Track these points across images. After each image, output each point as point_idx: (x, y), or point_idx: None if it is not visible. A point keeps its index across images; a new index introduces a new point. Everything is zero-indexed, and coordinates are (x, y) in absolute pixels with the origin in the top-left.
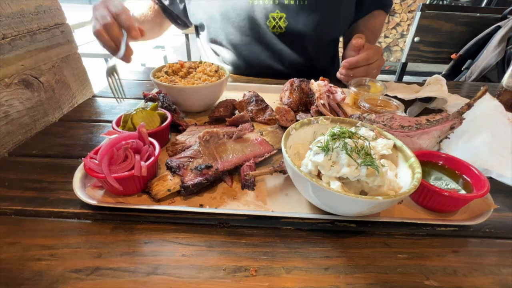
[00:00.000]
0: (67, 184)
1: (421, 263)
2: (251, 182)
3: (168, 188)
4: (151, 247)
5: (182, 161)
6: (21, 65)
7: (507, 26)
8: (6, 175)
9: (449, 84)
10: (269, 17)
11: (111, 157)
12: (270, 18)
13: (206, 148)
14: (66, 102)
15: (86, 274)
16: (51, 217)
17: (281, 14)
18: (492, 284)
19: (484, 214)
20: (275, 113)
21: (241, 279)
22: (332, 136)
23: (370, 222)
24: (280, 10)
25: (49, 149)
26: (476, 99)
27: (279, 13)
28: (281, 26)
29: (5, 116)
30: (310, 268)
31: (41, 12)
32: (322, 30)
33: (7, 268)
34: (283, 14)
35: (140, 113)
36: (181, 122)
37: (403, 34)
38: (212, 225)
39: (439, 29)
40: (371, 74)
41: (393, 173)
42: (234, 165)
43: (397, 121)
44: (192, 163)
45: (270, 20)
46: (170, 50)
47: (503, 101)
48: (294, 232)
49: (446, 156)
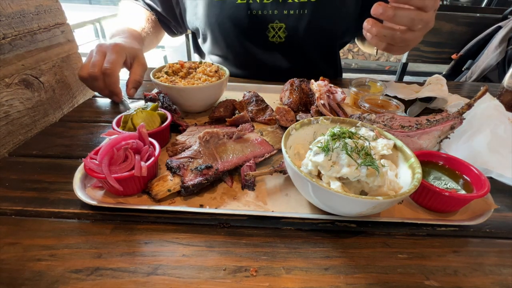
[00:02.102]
0: (67, 185)
1: (421, 263)
2: (251, 182)
3: (168, 188)
4: (151, 247)
5: (182, 162)
6: (21, 65)
7: (507, 26)
8: (6, 175)
9: (449, 84)
10: (269, 27)
11: (111, 158)
12: (269, 28)
13: (206, 148)
14: (66, 102)
15: (86, 275)
16: (51, 218)
17: (280, 24)
18: (492, 284)
19: (484, 214)
20: (275, 113)
21: (241, 279)
22: (332, 136)
23: (370, 222)
24: (280, 20)
25: (49, 149)
26: (476, 99)
27: (278, 23)
28: (280, 36)
29: (6, 116)
30: (310, 268)
31: (42, 12)
32: (321, 37)
33: (7, 269)
34: (282, 24)
35: (140, 114)
36: (181, 122)
37: None
38: (212, 225)
39: (439, 29)
40: (414, 34)
41: (393, 173)
42: (234, 165)
43: (397, 121)
44: (192, 164)
45: (270, 30)
46: (170, 50)
47: (504, 101)
48: (294, 232)
49: (446, 156)
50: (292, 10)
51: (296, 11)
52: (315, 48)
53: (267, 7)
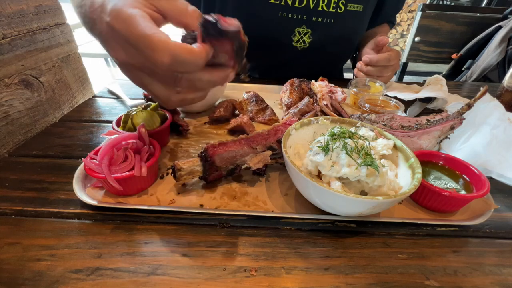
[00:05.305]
0: (67, 185)
1: (421, 263)
2: (262, 170)
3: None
4: (151, 247)
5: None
6: (21, 65)
7: (507, 26)
8: (6, 175)
9: (449, 84)
10: (295, 32)
11: (111, 158)
12: (295, 32)
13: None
14: (66, 102)
15: (86, 275)
16: (51, 218)
17: (307, 30)
18: (492, 284)
19: (484, 214)
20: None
21: (241, 280)
22: (332, 136)
23: (370, 222)
24: (307, 26)
25: (49, 150)
26: (476, 99)
27: (305, 28)
28: (305, 41)
29: (5, 117)
30: (310, 268)
31: (41, 12)
32: (343, 46)
33: (7, 269)
34: (309, 30)
35: (140, 113)
36: (181, 122)
37: (403, 34)
38: (212, 225)
39: (439, 29)
40: (385, 76)
41: (393, 173)
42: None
43: (397, 121)
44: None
45: (295, 34)
46: None
47: (504, 101)
48: (294, 232)
49: (446, 156)
50: (321, 18)
51: (324, 19)
52: (336, 56)
53: (298, 11)
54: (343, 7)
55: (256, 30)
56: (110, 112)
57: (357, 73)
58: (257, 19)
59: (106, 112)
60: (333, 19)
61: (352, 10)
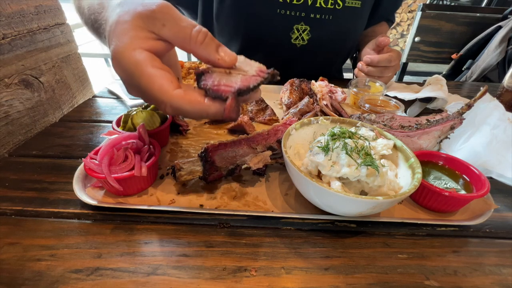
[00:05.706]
0: (67, 185)
1: (421, 263)
2: (262, 170)
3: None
4: (151, 247)
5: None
6: (21, 65)
7: (507, 26)
8: (6, 175)
9: (449, 84)
10: (293, 29)
11: (111, 158)
12: (294, 29)
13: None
14: (66, 102)
15: (86, 275)
16: (51, 218)
17: (305, 27)
18: (492, 284)
19: (484, 214)
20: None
21: (241, 279)
22: (332, 136)
23: (370, 222)
24: (305, 22)
25: (49, 150)
26: (476, 99)
27: (303, 25)
28: (303, 38)
29: (5, 117)
30: (310, 268)
31: (41, 12)
32: (341, 43)
33: (7, 269)
34: (307, 26)
35: (140, 113)
36: (181, 122)
37: (403, 34)
38: (212, 225)
39: (439, 29)
40: (385, 76)
41: (393, 173)
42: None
43: (397, 121)
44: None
45: (294, 31)
46: None
47: (504, 101)
48: (294, 232)
49: (446, 156)
50: (319, 14)
51: (322, 15)
52: (335, 54)
53: (296, 8)
54: (341, 3)
55: (254, 28)
56: (110, 112)
57: (358, 73)
58: (256, 16)
59: (106, 112)
60: (331, 15)
61: (350, 6)
